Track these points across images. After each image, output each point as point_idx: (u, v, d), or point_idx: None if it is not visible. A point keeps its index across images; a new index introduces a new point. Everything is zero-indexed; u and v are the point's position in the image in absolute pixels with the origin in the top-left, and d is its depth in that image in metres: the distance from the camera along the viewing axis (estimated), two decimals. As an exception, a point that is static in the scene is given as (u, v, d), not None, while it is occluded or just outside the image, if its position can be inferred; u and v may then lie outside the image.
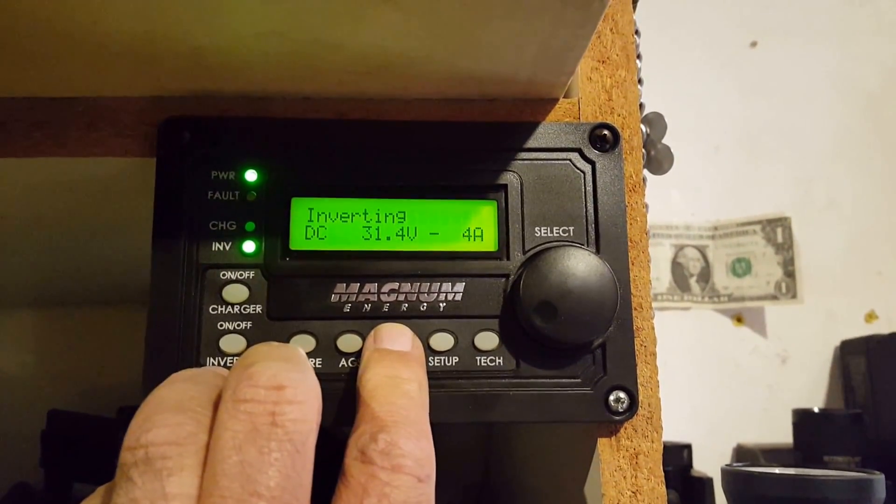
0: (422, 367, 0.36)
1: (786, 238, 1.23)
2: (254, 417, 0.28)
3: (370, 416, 0.31)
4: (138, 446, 0.28)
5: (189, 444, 0.28)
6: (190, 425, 0.29)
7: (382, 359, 0.35)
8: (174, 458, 0.27)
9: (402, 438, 0.30)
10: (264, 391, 0.29)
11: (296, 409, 0.29)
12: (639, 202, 0.41)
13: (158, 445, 0.28)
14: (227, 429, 0.28)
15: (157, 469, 0.27)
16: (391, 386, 0.33)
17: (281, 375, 0.29)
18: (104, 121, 0.40)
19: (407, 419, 0.31)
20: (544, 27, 0.33)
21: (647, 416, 0.39)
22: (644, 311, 0.40)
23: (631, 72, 0.42)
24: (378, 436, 0.30)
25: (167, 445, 0.28)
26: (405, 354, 0.36)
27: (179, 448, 0.28)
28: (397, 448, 0.30)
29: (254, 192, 0.39)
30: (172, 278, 0.37)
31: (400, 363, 0.35)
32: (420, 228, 0.39)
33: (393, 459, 0.29)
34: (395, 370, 0.34)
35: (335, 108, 0.40)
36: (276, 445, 0.28)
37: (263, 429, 0.28)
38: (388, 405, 0.32)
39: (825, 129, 1.33)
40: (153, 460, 0.27)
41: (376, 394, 0.32)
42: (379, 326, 0.37)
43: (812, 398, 1.23)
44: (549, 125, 0.40)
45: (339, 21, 0.32)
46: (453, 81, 0.39)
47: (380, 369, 0.34)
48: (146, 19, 0.31)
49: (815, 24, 1.37)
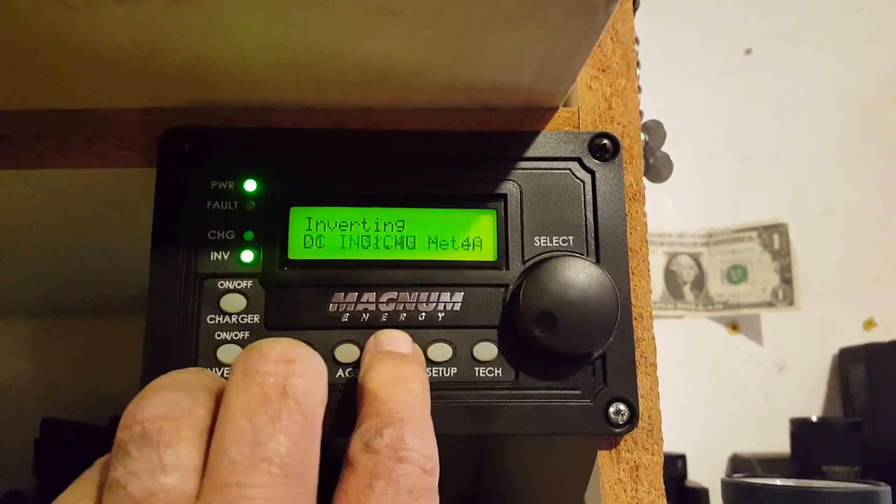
0: (423, 369, 0.36)
1: (783, 244, 1.23)
2: (265, 388, 0.28)
3: (375, 412, 0.31)
4: (134, 422, 0.28)
5: (186, 418, 0.28)
6: (186, 401, 0.29)
7: (385, 358, 0.35)
8: (171, 432, 0.27)
9: (407, 434, 0.30)
10: (274, 364, 0.29)
11: (306, 381, 0.29)
12: (639, 211, 0.40)
13: (154, 420, 0.28)
14: (237, 399, 0.28)
15: (154, 442, 0.27)
16: (395, 384, 0.33)
17: (290, 351, 0.30)
18: (106, 132, 0.40)
19: (412, 417, 0.31)
20: (548, 37, 0.33)
21: (647, 429, 0.39)
22: (644, 322, 0.39)
23: (631, 80, 0.42)
24: (383, 430, 0.30)
25: (163, 420, 0.28)
26: (406, 355, 0.36)
27: (176, 422, 0.28)
28: (403, 442, 0.30)
29: (253, 202, 0.39)
30: (171, 287, 0.37)
31: (403, 362, 0.35)
32: (419, 237, 0.39)
33: (399, 452, 0.29)
34: (399, 369, 0.34)
35: (335, 118, 0.40)
36: (287, 414, 0.28)
37: (274, 397, 0.28)
38: (393, 402, 0.32)
39: (821, 136, 1.33)
40: (150, 434, 0.27)
41: (381, 391, 0.32)
42: (378, 332, 0.37)
43: (809, 407, 1.23)
44: (549, 134, 0.40)
45: (341, 32, 0.32)
46: (454, 91, 0.39)
47: (383, 368, 0.34)
48: (148, 32, 0.31)
49: (810, 32, 1.37)
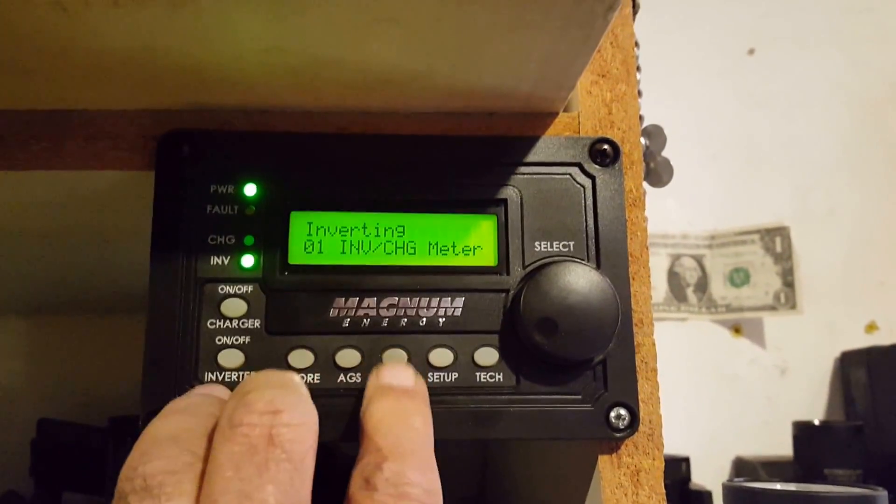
0: (426, 404, 0.35)
1: (785, 248, 1.23)
2: (251, 439, 0.28)
3: (374, 448, 0.31)
4: (136, 476, 0.28)
5: (186, 473, 0.28)
6: (186, 456, 0.29)
7: (386, 394, 0.34)
8: (172, 485, 0.27)
9: (408, 469, 0.30)
10: (258, 416, 0.29)
11: (293, 430, 0.29)
12: (639, 217, 0.40)
13: (155, 475, 0.28)
14: (223, 451, 0.28)
15: (155, 494, 0.27)
16: (396, 418, 0.33)
17: (277, 400, 0.29)
18: (103, 134, 0.40)
19: (413, 451, 0.31)
20: (547, 44, 0.33)
21: (648, 433, 0.39)
22: (645, 327, 0.39)
23: (631, 85, 0.42)
24: (383, 465, 0.30)
25: (164, 475, 0.28)
26: (409, 390, 0.35)
27: (176, 476, 0.28)
28: (404, 477, 0.29)
29: (253, 206, 0.39)
30: (171, 292, 0.37)
31: (405, 397, 0.34)
32: (419, 243, 0.39)
33: (399, 488, 0.29)
34: (400, 403, 0.34)
35: (335, 122, 0.40)
36: (274, 463, 0.28)
37: (260, 447, 0.28)
38: (393, 437, 0.31)
39: (824, 138, 1.33)
40: (151, 487, 0.27)
41: (380, 426, 0.32)
42: (380, 364, 0.37)
43: (812, 410, 1.22)
44: (549, 139, 0.40)
45: (341, 38, 0.32)
46: (453, 96, 0.39)
47: (384, 403, 0.34)
48: (145, 36, 0.31)
49: (814, 32, 1.37)
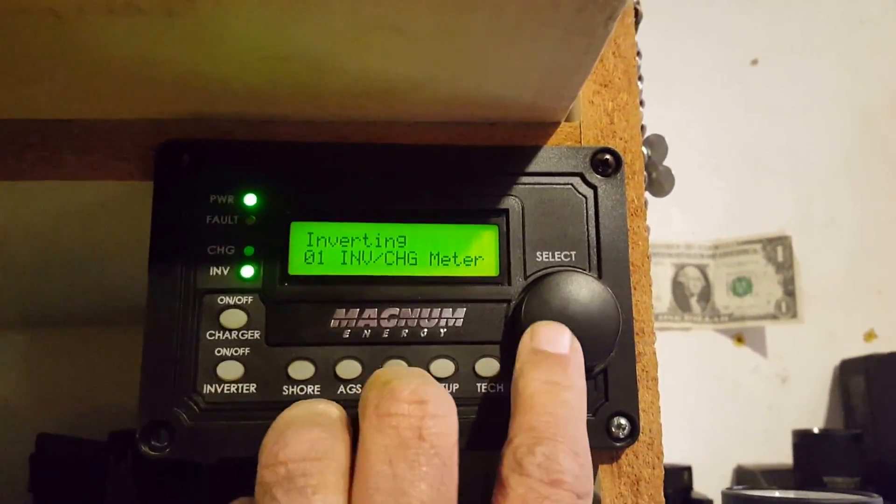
0: (580, 373, 0.34)
1: (786, 257, 1.23)
2: (400, 431, 0.28)
3: (528, 426, 0.31)
4: (277, 463, 0.28)
5: (329, 459, 0.28)
6: (326, 439, 0.29)
7: (540, 362, 0.34)
8: (316, 475, 0.27)
9: (560, 453, 0.30)
10: (407, 405, 0.29)
11: (440, 423, 0.29)
12: (640, 226, 0.40)
13: (298, 461, 0.28)
14: (374, 443, 0.28)
15: (301, 487, 0.27)
16: (549, 393, 0.32)
17: (421, 390, 0.30)
18: (100, 143, 0.39)
19: (566, 433, 0.31)
20: (548, 54, 0.33)
21: (648, 443, 0.39)
22: (646, 336, 0.39)
23: (633, 95, 0.41)
24: (536, 448, 0.30)
25: (307, 461, 0.28)
26: (563, 358, 0.34)
27: (320, 464, 0.28)
28: (556, 463, 0.29)
29: (253, 216, 0.38)
30: (169, 303, 0.37)
31: (558, 367, 0.33)
32: (420, 253, 0.39)
33: (552, 474, 0.29)
34: (554, 375, 0.33)
35: (336, 132, 0.40)
36: (425, 459, 0.28)
37: (411, 443, 0.28)
38: (546, 415, 0.31)
39: (826, 148, 1.33)
40: (295, 477, 0.27)
41: (534, 402, 0.32)
42: (536, 324, 0.36)
43: (812, 418, 1.22)
44: (551, 149, 0.40)
45: (341, 47, 0.32)
46: (455, 105, 0.39)
47: (537, 374, 0.33)
48: (142, 44, 0.31)
49: (816, 42, 1.37)
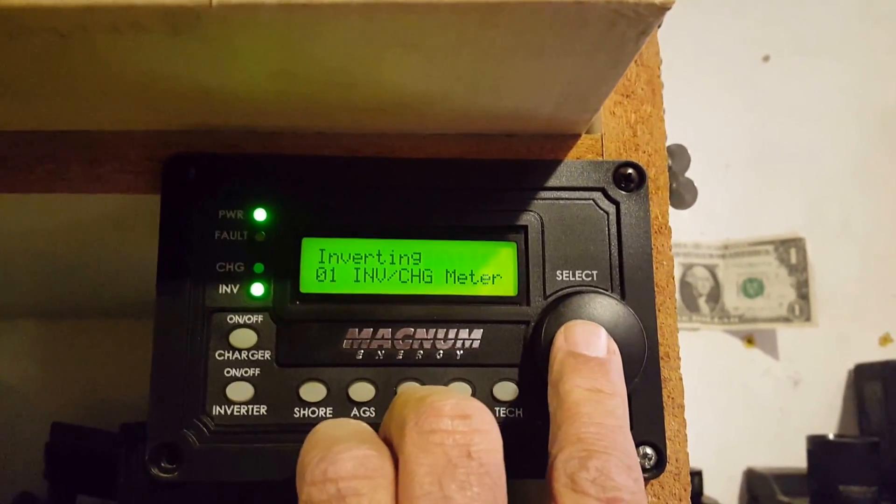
0: (621, 377, 0.33)
1: (800, 259, 1.21)
2: (446, 449, 0.27)
3: (576, 438, 0.29)
4: (326, 480, 0.26)
5: (379, 478, 0.27)
6: (375, 457, 0.27)
7: (580, 367, 0.32)
8: (367, 494, 0.26)
9: (613, 468, 0.28)
10: (451, 420, 0.27)
11: (486, 439, 0.27)
12: (665, 245, 0.39)
13: (349, 479, 0.26)
14: (420, 463, 0.27)
15: None
16: (594, 402, 0.31)
17: (462, 404, 0.28)
18: (107, 156, 0.38)
19: (616, 444, 0.29)
20: (572, 68, 0.31)
21: (675, 473, 0.37)
22: (671, 361, 0.38)
23: (657, 106, 0.40)
24: (588, 463, 0.28)
25: (358, 479, 0.26)
26: (603, 363, 0.33)
27: (371, 482, 0.27)
28: (610, 479, 0.28)
29: (263, 232, 0.37)
30: (177, 322, 0.36)
31: (600, 373, 0.32)
32: (436, 271, 0.38)
33: (607, 492, 0.28)
34: (596, 382, 0.31)
35: (348, 145, 0.39)
36: (476, 479, 0.26)
37: (460, 461, 0.27)
38: (595, 426, 0.30)
39: (839, 147, 1.31)
40: (346, 497, 0.26)
41: (579, 410, 0.30)
42: (570, 324, 0.34)
43: (825, 422, 1.21)
44: (571, 163, 0.39)
45: (353, 63, 0.30)
46: (472, 118, 0.38)
47: (579, 380, 0.31)
48: (148, 60, 0.30)
49: (830, 40, 1.35)
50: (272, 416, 0.36)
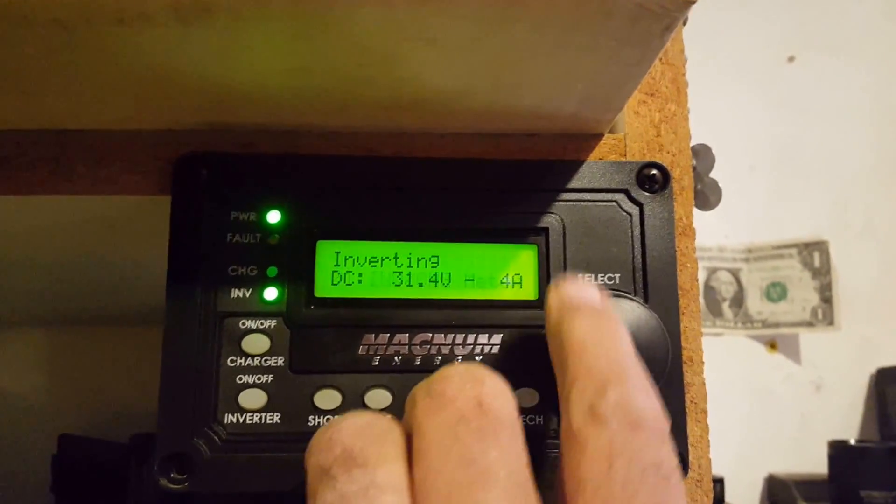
0: (621, 324, 0.31)
1: (823, 263, 1.20)
2: (457, 404, 0.26)
3: (586, 371, 0.28)
4: (333, 444, 0.25)
5: (387, 437, 0.26)
6: (381, 422, 0.26)
7: (578, 308, 0.30)
8: (375, 449, 0.25)
9: (632, 393, 0.26)
10: (460, 383, 0.26)
11: (499, 398, 0.26)
12: (689, 247, 0.38)
13: (356, 438, 0.25)
14: (431, 420, 0.26)
15: (361, 462, 0.25)
16: (599, 334, 0.29)
17: (474, 370, 0.27)
18: (114, 156, 0.37)
19: (630, 370, 0.28)
20: (596, 65, 0.30)
21: (697, 479, 0.37)
22: (695, 365, 0.37)
23: (681, 105, 0.39)
24: (606, 391, 0.26)
25: (365, 437, 0.26)
26: (601, 306, 0.31)
27: (378, 440, 0.26)
28: (631, 404, 0.26)
29: (276, 235, 0.36)
30: (188, 327, 0.35)
31: (601, 316, 0.30)
32: (455, 274, 0.37)
33: (630, 415, 0.26)
34: (599, 321, 0.30)
35: (364, 144, 0.38)
36: (491, 429, 0.25)
37: (472, 414, 0.25)
38: (604, 357, 0.28)
39: (864, 149, 1.30)
40: (354, 454, 0.25)
41: (586, 345, 0.28)
42: (557, 280, 0.32)
43: (847, 428, 1.20)
44: (594, 164, 0.38)
45: (370, 57, 0.30)
46: (491, 116, 0.37)
47: (580, 320, 0.30)
48: (156, 54, 0.29)
49: (855, 40, 1.33)
50: (286, 424, 0.35)
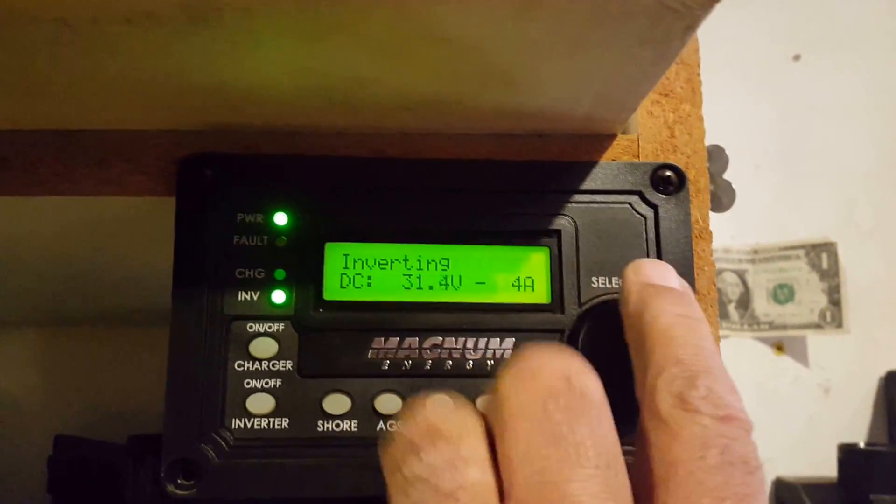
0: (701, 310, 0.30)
1: (831, 264, 1.19)
2: (543, 381, 0.25)
3: (675, 360, 0.27)
4: (416, 419, 0.25)
5: (468, 412, 0.26)
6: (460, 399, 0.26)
7: (662, 294, 0.30)
8: (458, 425, 0.25)
9: (720, 387, 0.26)
10: (548, 356, 0.26)
11: (588, 375, 0.25)
12: (706, 250, 0.37)
13: (438, 415, 0.25)
14: (516, 396, 0.25)
15: (446, 436, 0.24)
16: (686, 326, 0.28)
17: (559, 347, 0.26)
18: (118, 156, 0.37)
19: (717, 367, 0.27)
20: (612, 64, 0.30)
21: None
22: (712, 372, 0.36)
23: (696, 106, 0.38)
24: (696, 382, 0.26)
25: (446, 414, 0.25)
26: (683, 292, 0.31)
27: (460, 416, 0.25)
28: (721, 398, 0.26)
29: (284, 237, 0.36)
30: (194, 331, 0.35)
31: (685, 299, 0.30)
32: (465, 277, 0.36)
33: (720, 409, 0.25)
34: (684, 308, 0.29)
35: (372, 145, 0.38)
36: (580, 405, 0.24)
37: (561, 390, 0.25)
38: (693, 348, 0.27)
39: (871, 149, 1.29)
40: (438, 427, 0.25)
41: (674, 333, 0.28)
42: (638, 261, 0.32)
43: (855, 431, 1.19)
44: (607, 165, 0.37)
45: (379, 58, 0.29)
46: (502, 116, 0.36)
47: (667, 306, 0.29)
48: (163, 54, 0.29)
49: (861, 38, 1.33)
50: (294, 429, 0.35)
